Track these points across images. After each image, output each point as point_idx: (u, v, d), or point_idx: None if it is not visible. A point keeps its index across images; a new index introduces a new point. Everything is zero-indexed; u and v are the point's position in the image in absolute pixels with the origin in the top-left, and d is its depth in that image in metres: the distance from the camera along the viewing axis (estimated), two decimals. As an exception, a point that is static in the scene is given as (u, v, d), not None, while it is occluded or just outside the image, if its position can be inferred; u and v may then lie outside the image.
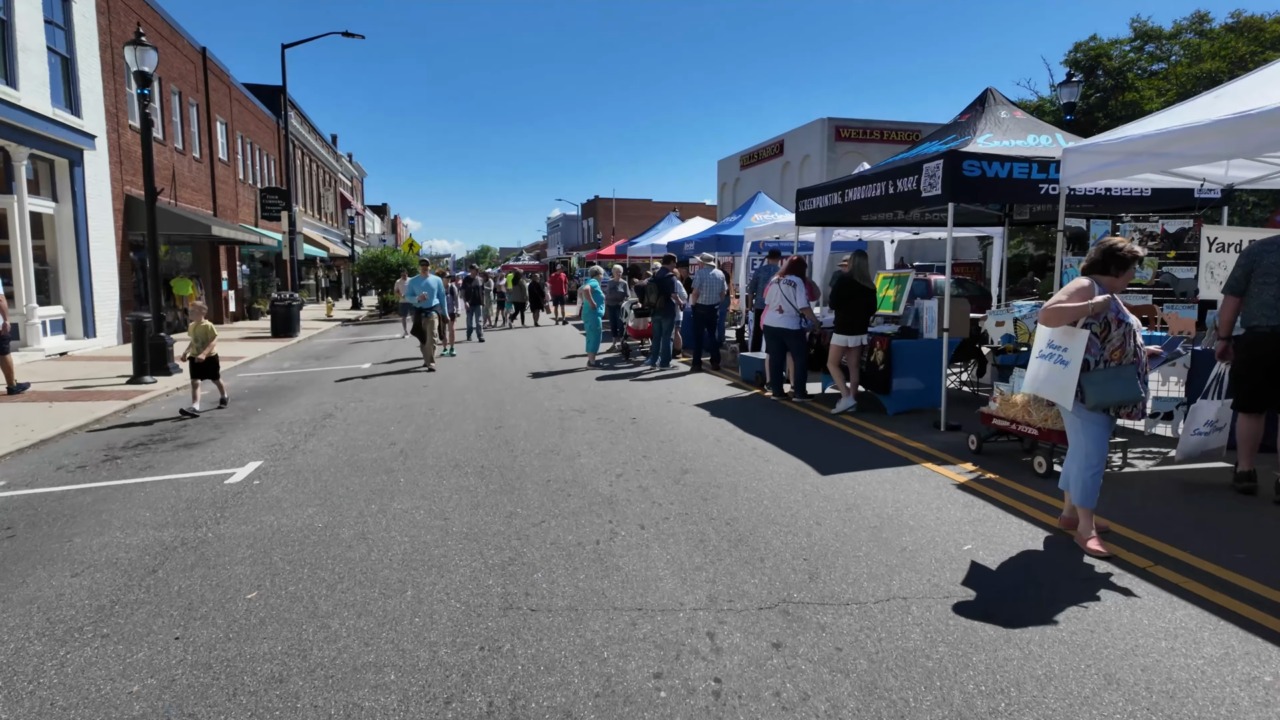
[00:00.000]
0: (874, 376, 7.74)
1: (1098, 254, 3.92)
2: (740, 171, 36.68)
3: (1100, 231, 6.67)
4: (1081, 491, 4.00)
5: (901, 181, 7.42)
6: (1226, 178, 6.64)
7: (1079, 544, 4.03)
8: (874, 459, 5.99)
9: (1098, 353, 3.79)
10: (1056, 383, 3.88)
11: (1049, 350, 3.93)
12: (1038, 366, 3.99)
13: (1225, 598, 3.42)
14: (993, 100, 8.20)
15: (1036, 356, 4.01)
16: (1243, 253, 5.05)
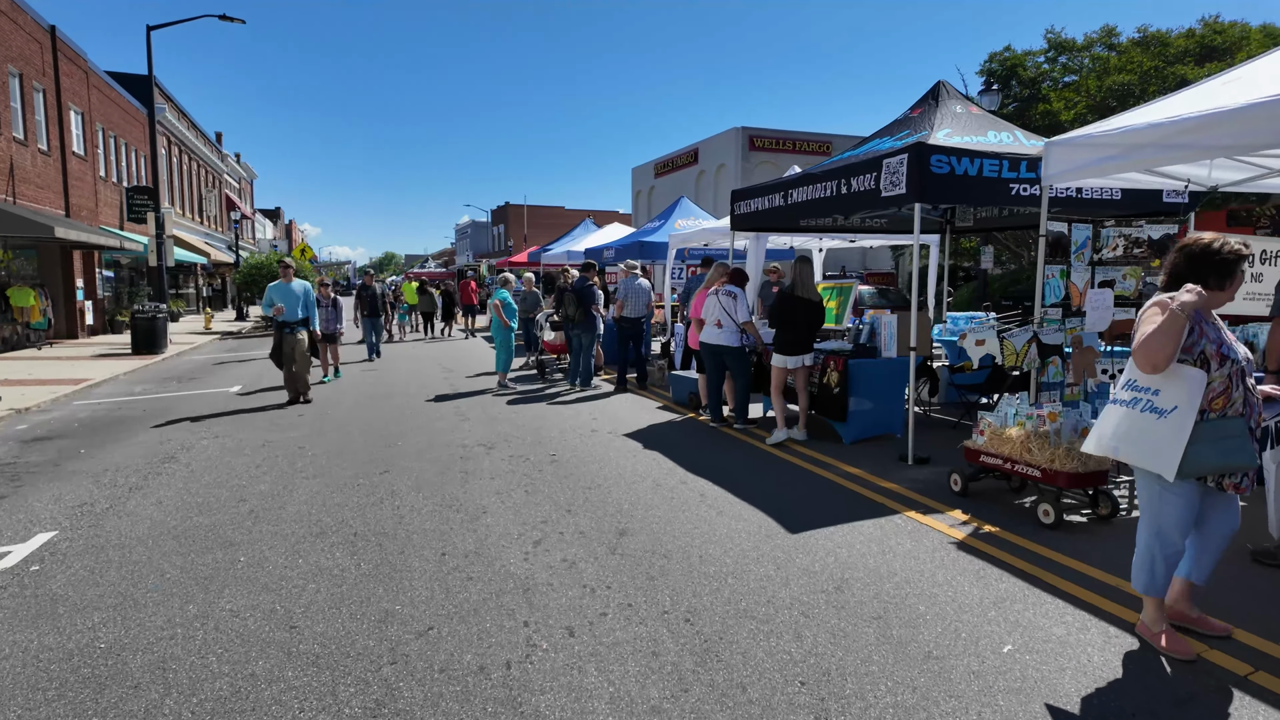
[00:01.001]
0: (828, 400, 6.79)
1: (1182, 261, 2.93)
2: (655, 179, 35.96)
3: (1081, 237, 5.97)
4: (1148, 575, 3.04)
5: (857, 180, 6.52)
6: (1210, 179, 6.05)
7: (1146, 639, 3.10)
8: (846, 507, 4.98)
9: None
10: (1148, 441, 2.78)
11: (1135, 393, 2.87)
12: (1118, 418, 2.91)
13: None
14: (945, 93, 7.45)
15: (1113, 402, 2.96)
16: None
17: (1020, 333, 5.34)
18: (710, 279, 7.73)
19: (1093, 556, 4.02)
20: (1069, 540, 4.26)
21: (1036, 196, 6.30)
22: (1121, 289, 5.90)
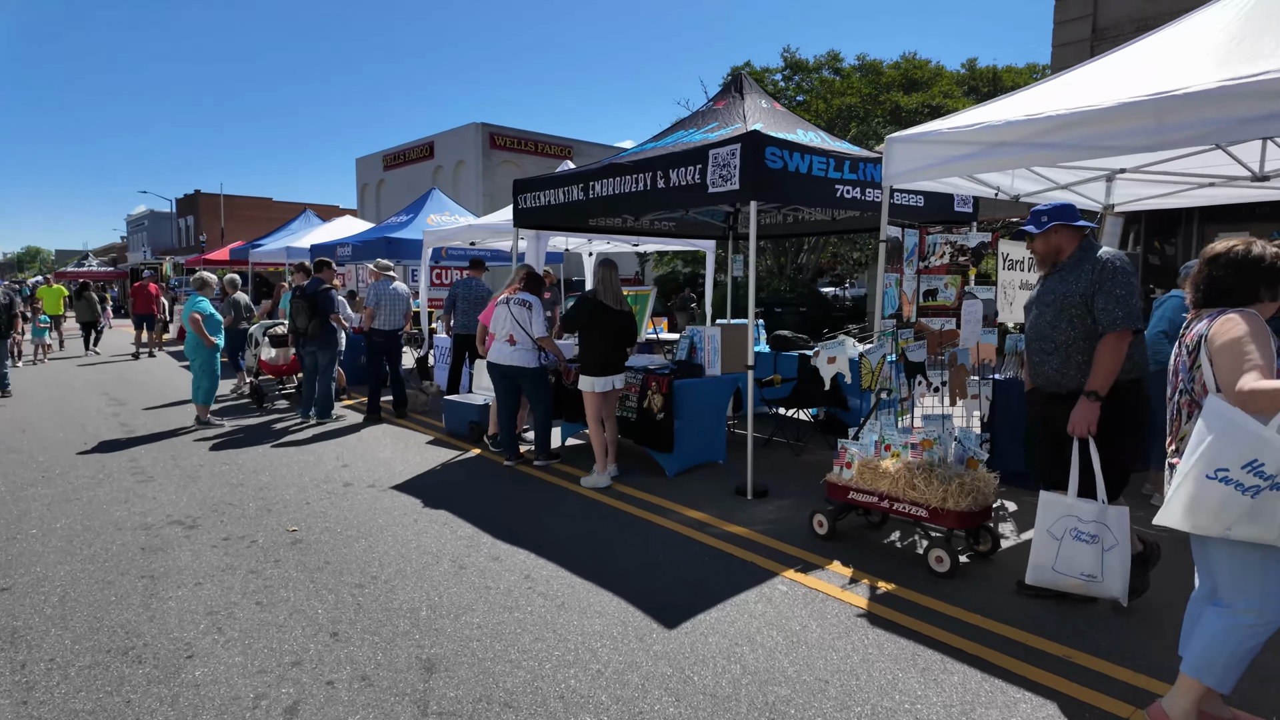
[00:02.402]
0: (650, 428, 5.77)
1: (1227, 273, 2.35)
2: (385, 172, 32.82)
3: (911, 243, 5.66)
4: (1220, 658, 2.31)
5: (678, 173, 5.58)
6: (1013, 188, 6.10)
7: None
8: (714, 574, 3.95)
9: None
10: (1271, 515, 2.06)
11: (1260, 480, 2.05)
12: (1217, 500, 2.12)
13: None
14: (749, 86, 6.88)
15: (1209, 477, 2.12)
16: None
17: (876, 348, 4.77)
18: (510, 282, 6.31)
19: (1024, 620, 3.43)
20: (977, 593, 3.66)
21: (859, 199, 5.91)
22: (944, 298, 5.68)
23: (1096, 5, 13.10)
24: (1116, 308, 3.17)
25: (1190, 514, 2.20)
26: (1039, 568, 3.26)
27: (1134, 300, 3.19)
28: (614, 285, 5.72)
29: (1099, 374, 3.17)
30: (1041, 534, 3.24)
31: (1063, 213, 3.44)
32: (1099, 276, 3.24)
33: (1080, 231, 3.44)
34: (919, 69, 17.01)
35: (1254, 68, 3.47)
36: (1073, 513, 3.17)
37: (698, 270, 27.07)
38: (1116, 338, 3.16)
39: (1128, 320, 3.15)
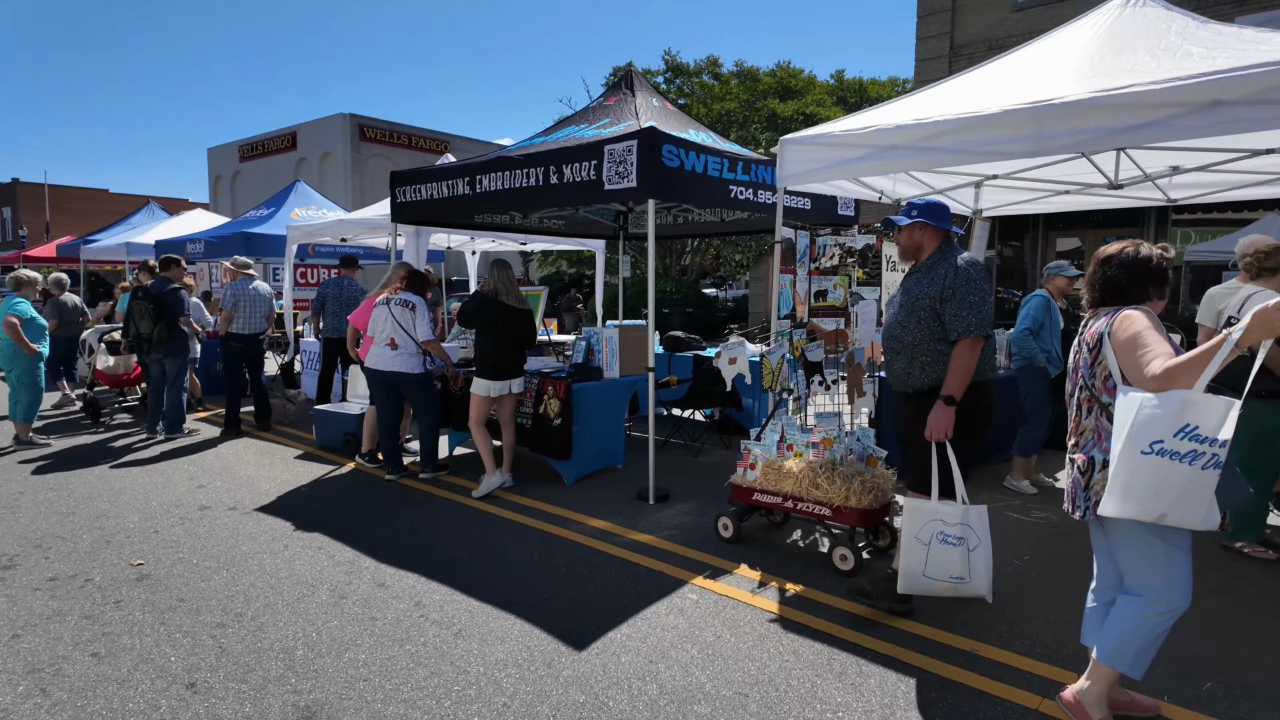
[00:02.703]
0: (547, 435, 5.51)
1: (1121, 273, 2.45)
2: (241, 163, 30.42)
3: (803, 244, 5.71)
4: (1132, 646, 2.39)
5: (572, 168, 5.37)
6: (895, 192, 6.31)
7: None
8: (621, 586, 3.77)
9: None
10: (1205, 498, 2.10)
11: (1197, 445, 2.08)
12: (1176, 477, 2.10)
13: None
14: (639, 83, 6.78)
15: (1145, 452, 2.12)
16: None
17: (776, 349, 4.76)
18: (386, 282, 5.85)
19: (928, 615, 3.47)
20: (881, 591, 3.68)
21: (752, 200, 5.92)
22: (834, 299, 5.79)
23: (953, 25, 14.02)
24: (970, 314, 3.15)
25: (1128, 497, 2.17)
26: (910, 575, 3.20)
27: (986, 307, 3.20)
28: (514, 284, 5.44)
29: (954, 379, 3.14)
30: (909, 540, 3.18)
31: (929, 210, 3.40)
32: (953, 282, 3.21)
33: (943, 233, 3.42)
34: (793, 78, 17.67)
35: (1116, 81, 3.69)
36: (938, 516, 3.13)
37: (583, 270, 26.89)
38: (971, 344, 3.14)
39: (980, 328, 3.14)
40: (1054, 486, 5.51)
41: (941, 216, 3.40)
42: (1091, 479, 2.42)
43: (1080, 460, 2.46)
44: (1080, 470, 2.46)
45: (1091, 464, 2.43)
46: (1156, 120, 3.46)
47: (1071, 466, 2.52)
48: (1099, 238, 13.43)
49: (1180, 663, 2.99)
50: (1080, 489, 2.45)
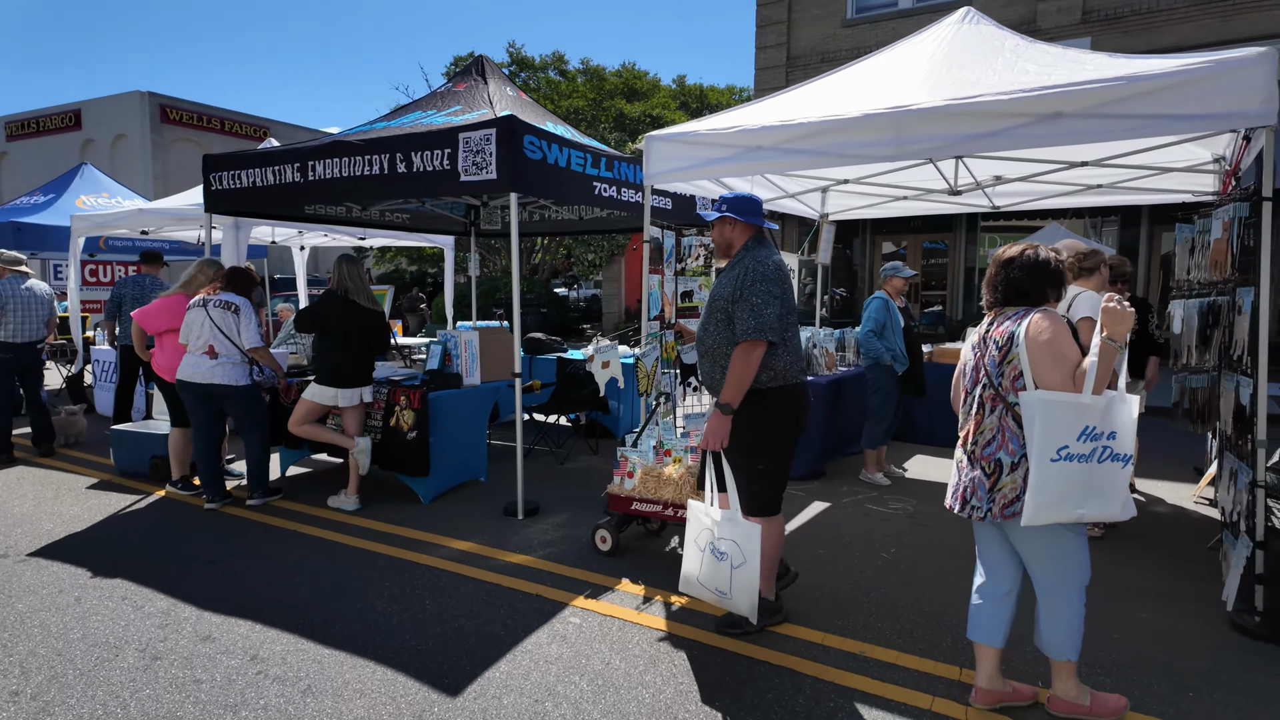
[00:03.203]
0: (400, 451, 5.01)
1: (1023, 275, 2.48)
2: (8, 143, 26.18)
3: (669, 244, 5.59)
4: (1074, 635, 2.48)
5: (423, 156, 4.91)
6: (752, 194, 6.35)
7: (1079, 715, 2.55)
8: (494, 616, 3.44)
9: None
10: (1112, 490, 2.24)
11: (1094, 443, 2.22)
12: (1078, 477, 2.23)
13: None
14: (491, 70, 6.41)
15: (1055, 459, 2.21)
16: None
17: (650, 351, 4.60)
18: (189, 281, 5.07)
19: (814, 619, 3.44)
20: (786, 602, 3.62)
21: (616, 198, 5.74)
22: (700, 299, 5.74)
23: (789, 37, 14.69)
24: (750, 317, 3.00)
25: (1048, 505, 2.25)
26: (687, 578, 3.13)
27: (769, 310, 3.01)
28: (365, 282, 4.91)
29: (728, 386, 3.02)
30: (689, 544, 3.10)
31: (737, 204, 3.24)
32: (742, 282, 3.07)
33: (753, 229, 3.26)
34: (639, 79, 17.81)
35: (966, 91, 3.86)
36: (710, 526, 3.05)
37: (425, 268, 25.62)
38: (747, 347, 3.00)
39: (758, 331, 2.98)
40: (904, 476, 5.79)
41: (749, 211, 3.24)
42: (999, 481, 2.42)
43: (986, 463, 2.45)
44: (985, 472, 2.45)
45: (999, 466, 2.43)
46: (1005, 129, 3.65)
47: (970, 465, 2.51)
48: (918, 241, 14.63)
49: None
50: (984, 490, 2.45)
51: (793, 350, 3.18)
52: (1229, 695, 2.73)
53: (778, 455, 3.17)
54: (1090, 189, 6.04)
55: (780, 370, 3.11)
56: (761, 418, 3.10)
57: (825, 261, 7.24)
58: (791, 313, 3.17)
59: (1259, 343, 3.13)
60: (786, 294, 3.13)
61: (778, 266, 3.14)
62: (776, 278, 3.09)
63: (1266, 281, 3.12)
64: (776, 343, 3.05)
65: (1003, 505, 2.41)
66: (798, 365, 3.21)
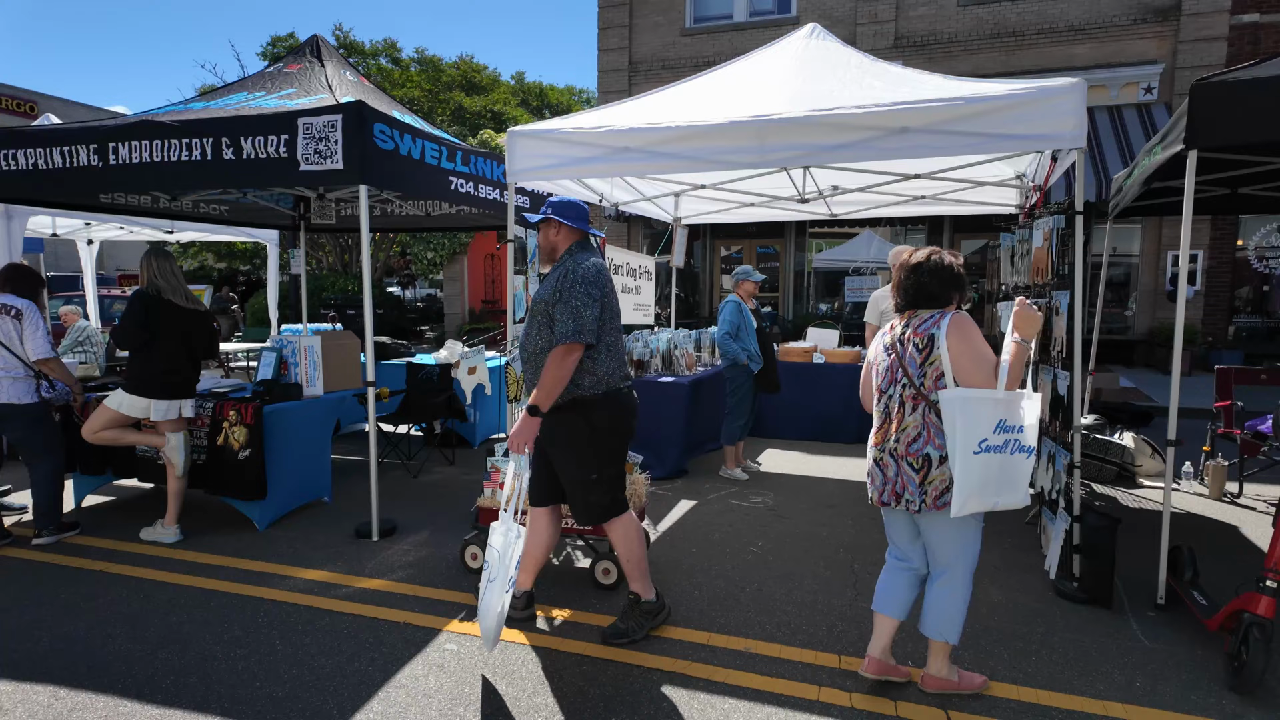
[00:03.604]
0: (229, 473, 4.45)
1: (931, 280, 2.63)
2: None
3: (532, 244, 5.38)
4: (958, 619, 2.66)
5: (254, 142, 4.40)
6: (612, 196, 6.32)
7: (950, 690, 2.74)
8: (360, 651, 3.13)
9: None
10: (1020, 480, 2.47)
11: (1006, 435, 2.43)
12: (994, 467, 2.42)
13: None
14: (329, 52, 5.93)
15: (976, 452, 2.40)
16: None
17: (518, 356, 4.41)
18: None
19: (698, 619, 3.44)
20: (648, 602, 3.58)
21: (473, 195, 5.48)
22: (562, 301, 5.61)
23: (631, 41, 14.89)
24: (569, 320, 2.92)
25: (973, 495, 2.42)
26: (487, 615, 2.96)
27: (588, 313, 2.95)
28: (180, 278, 4.30)
29: (540, 389, 2.93)
30: (493, 556, 2.96)
31: (562, 208, 3.19)
32: (561, 284, 3.01)
33: (578, 234, 3.20)
34: (478, 72, 17.28)
35: (823, 103, 4.05)
36: (512, 532, 2.94)
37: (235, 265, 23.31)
38: (564, 350, 2.91)
39: (576, 334, 2.91)
40: (760, 470, 6.02)
41: (574, 215, 3.19)
42: (929, 475, 2.55)
43: (914, 459, 2.57)
44: (914, 468, 2.57)
45: (927, 461, 2.55)
46: (859, 140, 3.86)
47: (895, 462, 2.62)
48: (753, 246, 15.39)
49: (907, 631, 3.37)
50: (914, 485, 2.57)
51: (616, 355, 3.12)
52: (1064, 655, 3.05)
53: (610, 462, 3.12)
54: (915, 200, 6.61)
55: (603, 375, 3.06)
56: (590, 426, 3.04)
57: (679, 264, 7.37)
58: (615, 317, 3.13)
59: (1074, 339, 3.54)
60: (608, 297, 3.09)
61: (598, 270, 3.08)
62: (597, 280, 3.03)
63: (1080, 285, 3.54)
64: (595, 346, 3.00)
65: (935, 496, 2.55)
66: (621, 371, 3.15)
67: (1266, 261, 11.91)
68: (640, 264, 6.69)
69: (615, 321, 3.14)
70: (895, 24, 13.26)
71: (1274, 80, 3.00)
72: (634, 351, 6.06)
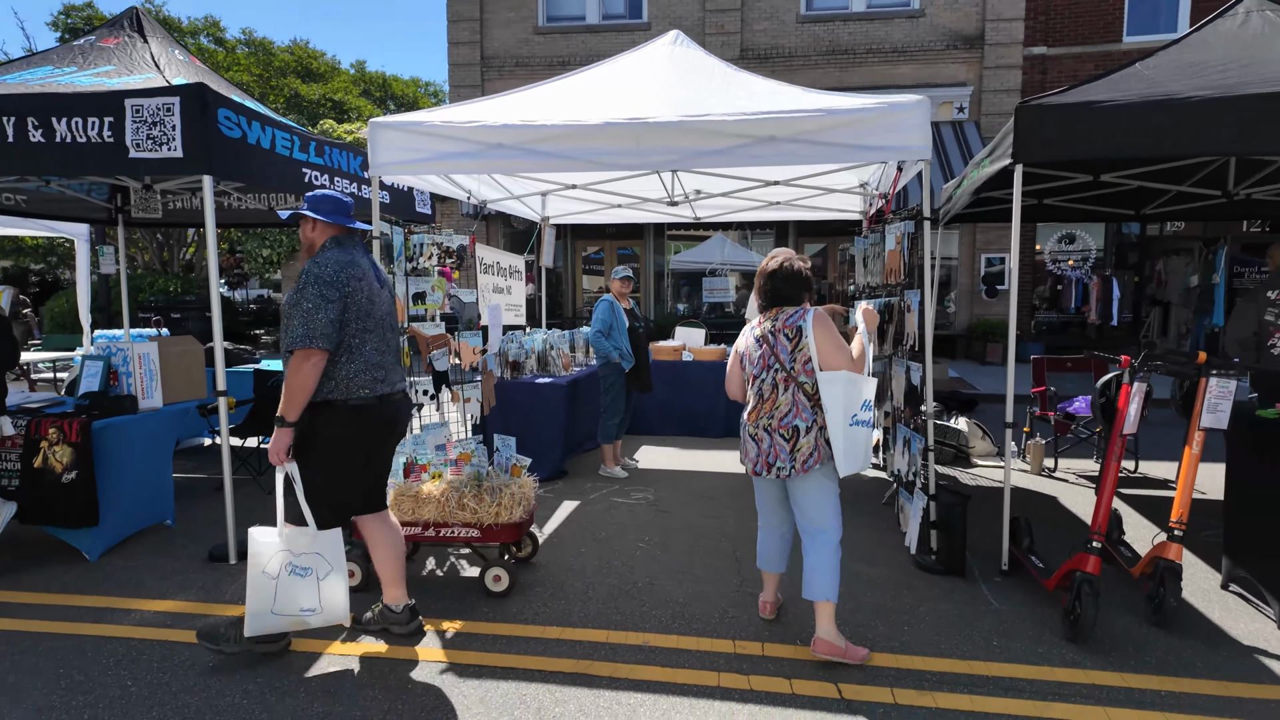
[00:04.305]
0: (52, 499, 3.89)
1: (783, 283, 3.06)
2: None
3: (398, 242, 5.09)
4: (833, 577, 3.00)
5: (71, 124, 3.89)
6: (479, 194, 6.14)
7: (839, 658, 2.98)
8: (225, 685, 2.85)
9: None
10: (869, 449, 3.01)
11: (869, 413, 2.94)
12: (865, 438, 2.94)
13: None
14: (152, 27, 5.39)
15: (851, 425, 2.88)
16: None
17: (391, 359, 4.19)
18: None
19: (593, 618, 3.43)
20: (544, 605, 3.53)
21: (328, 188, 5.13)
22: (433, 301, 5.40)
23: (482, 36, 14.57)
24: (300, 324, 2.76)
25: (850, 460, 2.90)
26: (258, 615, 2.88)
27: (321, 315, 2.77)
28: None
29: (285, 398, 2.78)
30: (256, 576, 2.88)
31: (317, 202, 3.00)
32: (298, 285, 2.84)
33: (334, 229, 3.02)
34: (314, 59, 16.14)
35: (694, 110, 4.18)
36: (288, 547, 2.90)
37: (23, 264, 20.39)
38: (300, 356, 2.76)
39: (306, 339, 2.74)
40: (638, 467, 6.11)
41: (330, 209, 3.00)
42: (797, 444, 2.94)
43: (785, 431, 2.96)
44: (785, 438, 2.95)
45: (796, 432, 2.95)
46: (730, 147, 4.02)
47: (769, 435, 2.99)
48: (614, 247, 15.56)
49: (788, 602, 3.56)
50: (785, 454, 2.95)
51: (362, 359, 2.92)
52: (931, 623, 3.35)
53: (337, 473, 2.96)
54: (771, 205, 6.98)
55: (343, 381, 2.89)
56: (314, 432, 2.90)
57: (548, 264, 7.32)
58: (365, 318, 2.93)
59: (926, 334, 3.90)
60: (353, 296, 2.88)
61: (341, 267, 2.87)
62: (336, 280, 2.83)
63: (929, 284, 3.90)
64: (332, 351, 2.82)
65: (802, 461, 2.93)
66: (372, 376, 2.95)
67: (1059, 264, 13.67)
68: (511, 263, 6.56)
69: (367, 323, 2.94)
70: (741, 36, 13.89)
71: (1083, 105, 3.47)
72: (509, 352, 5.95)
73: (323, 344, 2.76)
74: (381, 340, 3.02)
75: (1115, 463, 3.29)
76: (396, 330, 3.18)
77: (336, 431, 2.91)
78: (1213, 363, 3.20)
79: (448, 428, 4.58)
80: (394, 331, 3.14)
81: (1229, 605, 3.50)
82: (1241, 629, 3.27)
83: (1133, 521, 4.72)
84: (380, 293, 3.07)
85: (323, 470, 2.94)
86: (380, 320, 3.02)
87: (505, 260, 6.49)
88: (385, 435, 3.07)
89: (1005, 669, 2.95)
